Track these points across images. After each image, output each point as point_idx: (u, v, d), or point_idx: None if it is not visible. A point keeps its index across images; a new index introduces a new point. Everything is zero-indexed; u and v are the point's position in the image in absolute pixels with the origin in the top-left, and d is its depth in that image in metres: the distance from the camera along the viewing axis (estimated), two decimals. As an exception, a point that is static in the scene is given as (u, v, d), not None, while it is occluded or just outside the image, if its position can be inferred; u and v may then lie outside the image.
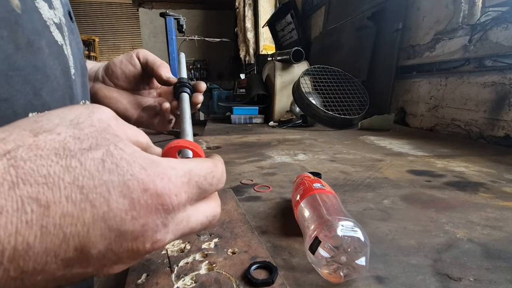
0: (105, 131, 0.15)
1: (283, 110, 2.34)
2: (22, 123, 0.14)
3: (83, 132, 0.15)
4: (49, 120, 0.15)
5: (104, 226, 0.13)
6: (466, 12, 1.49)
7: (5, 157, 0.12)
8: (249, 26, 4.93)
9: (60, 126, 0.15)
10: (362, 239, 0.36)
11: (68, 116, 0.15)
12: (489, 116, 1.35)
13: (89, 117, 0.16)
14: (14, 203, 0.12)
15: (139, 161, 0.15)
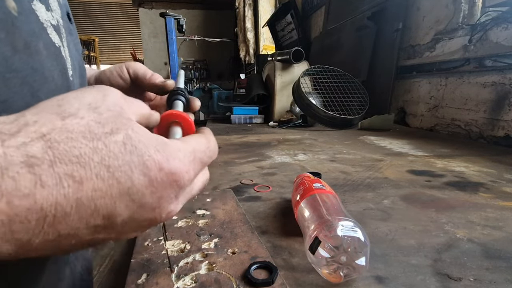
0: (120, 116, 0.18)
1: (283, 110, 2.34)
2: (47, 106, 0.16)
3: (103, 117, 0.17)
4: (70, 104, 0.17)
5: (128, 199, 0.16)
6: (466, 12, 1.49)
7: (43, 140, 0.14)
8: (249, 26, 4.93)
9: (81, 110, 0.17)
10: (362, 239, 0.36)
11: (85, 99, 0.17)
12: (489, 116, 1.35)
13: (104, 100, 0.18)
14: (54, 179, 0.14)
15: (153, 144, 0.17)
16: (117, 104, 0.18)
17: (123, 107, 0.19)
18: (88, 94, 0.18)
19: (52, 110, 0.16)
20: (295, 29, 3.39)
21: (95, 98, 0.18)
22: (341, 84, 2.01)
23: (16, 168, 0.13)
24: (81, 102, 0.17)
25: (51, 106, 0.16)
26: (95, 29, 7.52)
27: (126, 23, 7.75)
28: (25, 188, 0.13)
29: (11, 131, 0.14)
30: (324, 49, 2.91)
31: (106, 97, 0.18)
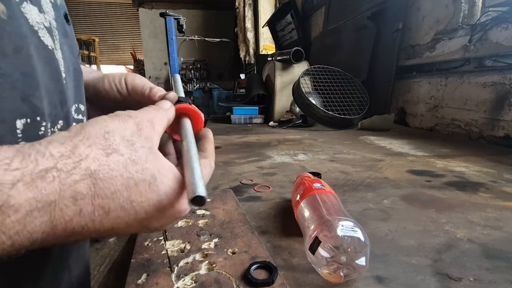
0: (151, 153, 0.21)
1: (283, 110, 2.34)
2: (95, 137, 0.19)
3: (138, 155, 0.20)
4: (113, 137, 0.20)
5: (139, 225, 0.21)
6: (466, 12, 1.49)
7: (90, 178, 0.18)
8: (249, 26, 4.93)
9: (122, 146, 0.20)
10: (362, 239, 0.36)
11: (124, 133, 0.21)
12: (489, 116, 1.35)
13: (139, 136, 0.21)
14: (90, 208, 0.18)
15: (171, 184, 0.22)
16: (148, 137, 0.22)
17: (153, 138, 0.22)
18: (127, 127, 0.21)
19: (99, 143, 0.19)
20: (295, 29, 3.39)
21: (133, 132, 0.21)
22: (341, 84, 2.01)
23: (65, 201, 0.17)
24: (122, 136, 0.20)
25: (99, 138, 0.19)
26: (95, 29, 7.52)
27: (126, 23, 7.75)
28: (68, 216, 0.17)
29: (68, 167, 0.17)
30: (324, 49, 2.90)
31: (141, 132, 0.22)
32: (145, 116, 0.23)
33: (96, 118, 0.21)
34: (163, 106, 0.26)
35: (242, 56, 5.16)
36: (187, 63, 6.26)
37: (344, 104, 1.90)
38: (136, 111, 0.23)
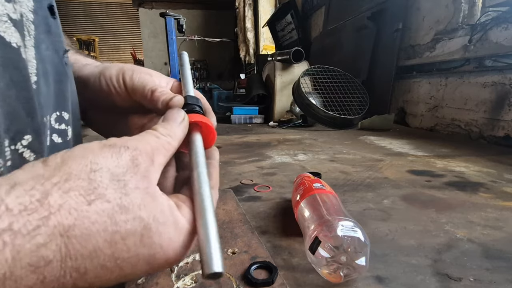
0: (147, 194, 0.17)
1: (283, 110, 2.34)
2: (76, 176, 0.15)
3: (129, 199, 0.16)
4: (101, 179, 0.16)
5: (123, 279, 0.17)
6: (466, 12, 1.49)
7: (61, 238, 0.14)
8: (249, 26, 4.93)
9: (110, 189, 0.16)
10: (362, 239, 0.36)
11: (116, 171, 0.17)
12: (489, 116, 1.35)
13: (134, 174, 0.17)
14: (58, 273, 0.14)
15: (171, 237, 0.18)
16: (145, 175, 0.18)
17: (151, 176, 0.18)
18: (121, 163, 0.17)
19: (81, 187, 0.15)
20: (295, 29, 3.39)
21: (127, 169, 0.17)
22: (341, 84, 2.01)
23: (21, 272, 0.13)
24: (112, 175, 0.16)
25: (82, 178, 0.15)
26: (95, 29, 7.52)
27: (126, 23, 7.75)
28: (25, 286, 0.13)
29: (29, 227, 0.13)
30: (324, 49, 2.90)
31: (137, 168, 0.17)
32: (144, 147, 0.18)
33: (84, 147, 0.17)
34: (170, 129, 0.21)
35: (242, 56, 5.16)
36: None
37: (344, 104, 1.90)
38: (134, 140, 0.18)
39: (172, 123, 0.21)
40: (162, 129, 0.20)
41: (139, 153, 0.18)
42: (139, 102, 0.28)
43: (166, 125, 0.21)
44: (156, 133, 0.20)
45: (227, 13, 6.30)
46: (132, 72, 0.28)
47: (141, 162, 0.18)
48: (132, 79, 0.27)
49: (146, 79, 0.27)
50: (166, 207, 0.18)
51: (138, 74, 0.28)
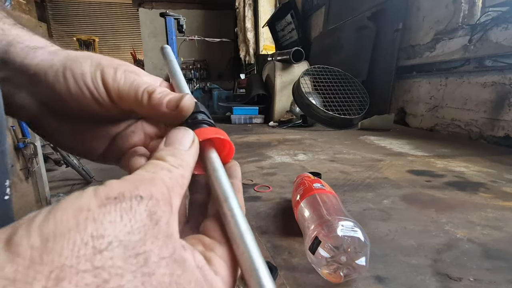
0: (174, 264, 0.12)
1: (283, 110, 2.34)
2: (76, 273, 0.10)
3: (155, 281, 0.11)
4: (112, 262, 0.10)
5: None
6: (466, 12, 1.49)
7: None
8: (249, 26, 4.93)
9: (127, 275, 0.11)
10: (362, 239, 0.36)
11: (131, 240, 0.11)
12: (489, 116, 1.35)
13: (155, 239, 0.12)
14: None
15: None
16: (168, 234, 0.13)
17: (174, 233, 0.13)
18: (135, 225, 0.12)
19: (85, 285, 0.10)
20: (295, 29, 3.40)
21: (145, 233, 0.12)
22: (341, 84, 2.01)
23: None
24: (126, 248, 0.11)
25: (83, 267, 0.10)
26: (95, 29, 7.52)
27: (126, 23, 7.75)
28: None
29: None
30: (324, 49, 2.91)
31: (158, 227, 0.12)
32: (161, 191, 0.13)
33: (74, 208, 0.11)
34: (180, 156, 0.16)
35: (242, 56, 5.17)
36: (187, 63, 6.26)
37: (344, 104, 1.90)
38: (145, 182, 0.13)
39: (181, 149, 0.16)
40: (172, 159, 0.15)
41: (156, 203, 0.13)
42: (125, 109, 0.21)
43: (174, 151, 0.16)
44: (167, 166, 0.15)
45: (227, 13, 6.30)
46: (114, 70, 0.20)
47: (161, 216, 0.13)
48: (116, 80, 0.20)
49: (135, 79, 0.21)
50: (197, 272, 0.13)
51: (122, 72, 0.21)
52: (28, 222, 0.10)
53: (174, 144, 0.17)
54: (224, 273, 0.15)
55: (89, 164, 2.11)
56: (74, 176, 1.59)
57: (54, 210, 0.11)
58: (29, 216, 0.11)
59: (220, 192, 0.17)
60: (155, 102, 0.19)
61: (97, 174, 2.20)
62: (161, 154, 0.16)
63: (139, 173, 0.14)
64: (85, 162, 1.97)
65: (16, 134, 0.92)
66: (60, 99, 0.21)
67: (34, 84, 0.21)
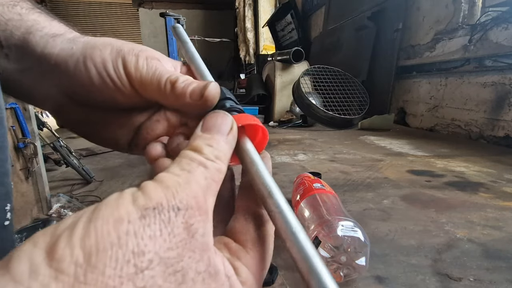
0: (209, 278, 0.12)
1: (283, 110, 2.34)
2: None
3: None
4: (153, 281, 0.10)
5: None
6: (466, 12, 1.49)
7: None
8: (249, 26, 4.94)
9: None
10: (362, 239, 0.36)
11: (169, 257, 0.11)
12: (489, 116, 1.35)
13: (192, 252, 0.12)
14: None
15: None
16: (204, 246, 0.13)
17: (209, 243, 0.13)
18: (172, 239, 0.11)
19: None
20: (295, 29, 3.40)
21: (182, 248, 0.12)
22: (341, 84, 2.01)
23: None
24: (166, 265, 0.11)
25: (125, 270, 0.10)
26: (95, 29, 7.52)
27: (126, 23, 7.75)
28: None
29: None
30: (324, 49, 2.91)
31: (194, 238, 0.12)
32: (196, 198, 0.13)
33: (114, 220, 0.11)
34: (217, 147, 0.15)
35: (242, 56, 5.17)
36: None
37: (344, 104, 1.90)
38: (181, 188, 0.12)
39: (219, 137, 0.15)
40: (208, 150, 0.14)
41: (192, 213, 0.12)
42: (147, 98, 0.20)
43: (212, 140, 0.15)
44: (203, 161, 0.14)
45: (227, 13, 6.30)
46: (136, 58, 0.20)
47: (197, 228, 0.12)
48: (138, 69, 0.20)
49: (157, 68, 0.20)
50: (227, 283, 0.13)
51: (144, 60, 0.20)
52: (69, 233, 0.10)
53: (211, 130, 0.15)
54: (250, 283, 0.15)
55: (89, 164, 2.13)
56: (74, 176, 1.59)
57: (94, 220, 0.10)
58: (67, 222, 0.11)
59: (263, 188, 0.16)
60: (178, 92, 0.19)
61: (97, 174, 2.22)
62: (198, 143, 0.15)
63: (174, 171, 0.13)
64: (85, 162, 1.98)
65: (16, 134, 0.92)
66: (83, 88, 0.20)
67: (56, 74, 0.20)
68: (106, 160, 1.24)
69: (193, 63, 0.22)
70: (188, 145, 0.15)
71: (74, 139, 1.75)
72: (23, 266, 0.09)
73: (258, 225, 0.16)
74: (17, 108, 0.71)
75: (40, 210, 0.80)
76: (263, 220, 0.17)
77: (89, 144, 1.70)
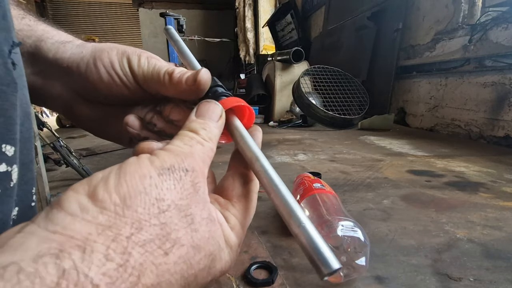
0: (212, 224, 0.16)
1: (283, 110, 2.34)
2: (149, 225, 0.13)
3: (199, 235, 0.15)
4: (172, 220, 0.14)
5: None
6: (466, 12, 1.49)
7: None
8: (249, 26, 4.93)
9: (181, 230, 0.15)
10: (362, 239, 0.36)
11: (182, 204, 0.15)
12: (489, 116, 1.35)
13: (197, 203, 0.16)
14: None
15: (231, 259, 0.18)
16: (205, 199, 0.16)
17: (207, 199, 0.17)
18: (184, 193, 0.15)
19: (156, 235, 0.13)
20: (295, 29, 3.40)
21: (190, 199, 0.15)
22: (341, 84, 2.01)
23: None
24: (179, 210, 0.14)
25: (153, 222, 0.13)
26: (95, 29, 7.51)
27: (126, 23, 7.74)
28: None
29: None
30: (324, 49, 2.91)
31: (198, 194, 0.16)
32: (198, 164, 0.16)
33: (139, 175, 0.14)
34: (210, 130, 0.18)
35: (242, 56, 5.16)
36: (187, 63, 6.25)
37: (344, 104, 1.90)
38: (188, 157, 0.16)
39: (210, 123, 0.18)
40: (203, 132, 0.18)
41: (196, 175, 0.16)
42: (149, 91, 0.24)
43: (205, 125, 0.18)
44: (200, 140, 0.17)
45: (227, 13, 6.30)
46: (138, 57, 0.23)
47: (200, 186, 0.16)
48: (140, 66, 0.23)
49: (156, 64, 0.23)
50: (220, 229, 0.17)
51: (145, 58, 0.23)
52: (104, 183, 0.13)
53: (204, 116, 0.19)
54: (237, 228, 0.18)
55: (89, 164, 2.13)
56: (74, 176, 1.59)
57: (123, 174, 0.14)
58: (98, 176, 0.14)
59: (250, 154, 0.19)
60: (175, 80, 0.22)
61: (97, 174, 2.21)
62: (194, 126, 0.18)
63: (179, 144, 0.16)
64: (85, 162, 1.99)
65: (16, 134, 0.94)
66: (93, 87, 0.23)
67: (68, 75, 0.23)
68: (106, 160, 1.25)
69: (185, 58, 0.25)
70: (185, 126, 0.18)
71: (74, 139, 1.75)
72: (74, 205, 0.12)
73: (243, 183, 0.20)
74: (17, 108, 0.70)
75: (40, 210, 0.80)
76: (247, 179, 0.20)
77: (89, 144, 1.69)
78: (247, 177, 0.20)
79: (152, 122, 0.25)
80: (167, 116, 0.25)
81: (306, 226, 0.16)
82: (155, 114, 0.25)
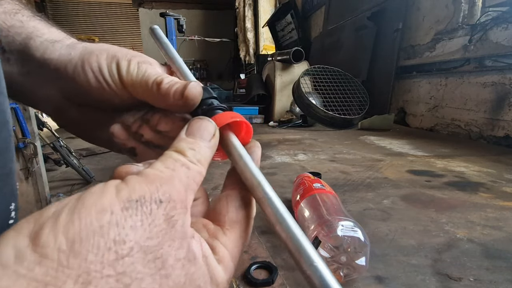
0: (188, 264, 0.13)
1: (283, 110, 2.34)
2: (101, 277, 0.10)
3: (171, 282, 0.12)
4: (134, 267, 0.11)
5: None
6: (466, 12, 1.49)
7: None
8: (249, 26, 4.93)
9: (146, 278, 0.11)
10: (362, 239, 0.36)
11: (150, 245, 0.12)
12: (489, 116, 1.35)
13: (172, 241, 0.13)
14: None
15: None
16: (184, 235, 0.13)
17: (188, 233, 0.14)
18: (153, 229, 0.12)
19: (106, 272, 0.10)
20: (295, 29, 3.40)
21: (162, 237, 0.12)
22: (341, 84, 2.01)
23: None
24: (145, 253, 0.12)
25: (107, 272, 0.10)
26: (95, 29, 7.51)
27: (126, 23, 7.74)
28: None
29: None
30: (324, 49, 2.91)
31: (174, 229, 0.13)
32: (178, 192, 0.13)
33: (96, 210, 0.11)
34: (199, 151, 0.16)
35: (242, 56, 5.17)
36: (187, 63, 6.25)
37: (344, 104, 1.90)
38: (165, 182, 0.13)
39: (201, 142, 0.16)
40: (191, 153, 0.15)
41: (173, 206, 0.13)
42: (140, 99, 0.22)
43: (195, 145, 0.16)
44: (186, 162, 0.15)
45: (227, 13, 6.30)
46: (128, 62, 0.21)
47: (177, 219, 0.13)
48: (129, 72, 0.21)
49: (147, 70, 0.21)
50: (203, 263, 0.14)
51: (135, 64, 0.21)
52: (53, 221, 0.10)
53: (195, 135, 0.16)
54: (226, 261, 0.16)
55: (89, 164, 2.13)
56: (74, 176, 1.59)
57: (78, 209, 0.11)
58: (50, 211, 0.11)
59: (251, 178, 0.17)
60: (163, 92, 0.20)
61: (97, 174, 2.22)
62: (182, 146, 0.16)
63: (159, 168, 0.14)
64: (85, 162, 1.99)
65: (16, 134, 0.92)
66: (81, 91, 0.22)
67: (56, 77, 0.22)
68: (106, 160, 1.25)
69: (175, 64, 0.23)
70: (172, 146, 0.16)
71: (74, 139, 1.75)
72: (9, 251, 0.10)
73: (238, 206, 0.17)
74: (17, 108, 0.71)
75: (40, 210, 0.80)
76: (244, 203, 0.18)
77: (89, 144, 1.69)
78: (244, 200, 0.18)
79: (138, 133, 0.23)
80: (154, 126, 0.23)
81: (319, 267, 0.14)
82: (143, 123, 0.23)
